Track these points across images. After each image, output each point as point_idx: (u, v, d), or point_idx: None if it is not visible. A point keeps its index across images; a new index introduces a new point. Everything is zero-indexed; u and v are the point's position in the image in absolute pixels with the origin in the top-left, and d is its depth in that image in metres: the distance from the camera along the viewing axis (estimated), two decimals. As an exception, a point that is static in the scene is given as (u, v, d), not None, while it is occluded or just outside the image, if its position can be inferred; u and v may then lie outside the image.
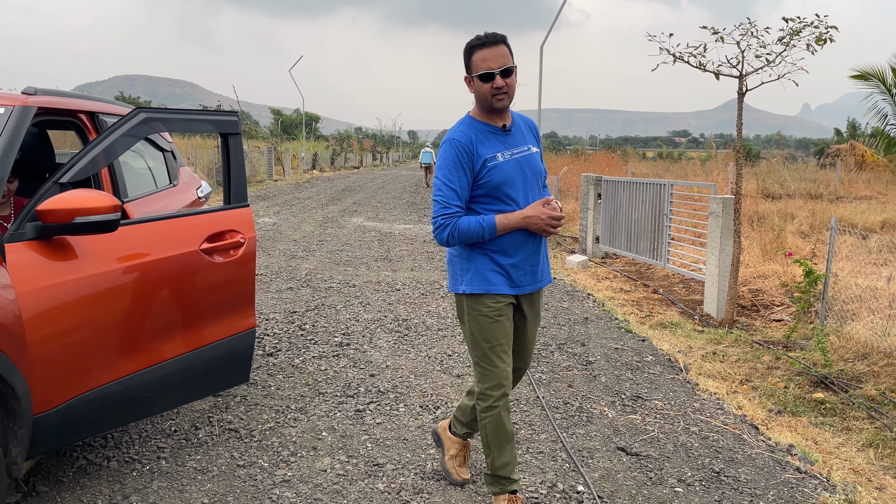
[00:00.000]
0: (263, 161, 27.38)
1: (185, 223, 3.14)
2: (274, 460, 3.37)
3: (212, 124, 3.31)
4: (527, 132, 2.85)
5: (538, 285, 2.85)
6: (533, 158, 2.79)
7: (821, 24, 6.94)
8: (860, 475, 3.83)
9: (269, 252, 9.59)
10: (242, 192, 3.35)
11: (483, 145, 2.69)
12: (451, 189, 2.67)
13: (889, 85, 18.43)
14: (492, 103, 2.67)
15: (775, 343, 6.50)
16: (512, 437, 2.85)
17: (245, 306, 3.32)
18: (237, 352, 3.31)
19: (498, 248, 2.72)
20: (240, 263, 3.25)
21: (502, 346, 2.76)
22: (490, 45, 2.64)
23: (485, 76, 2.63)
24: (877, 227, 12.88)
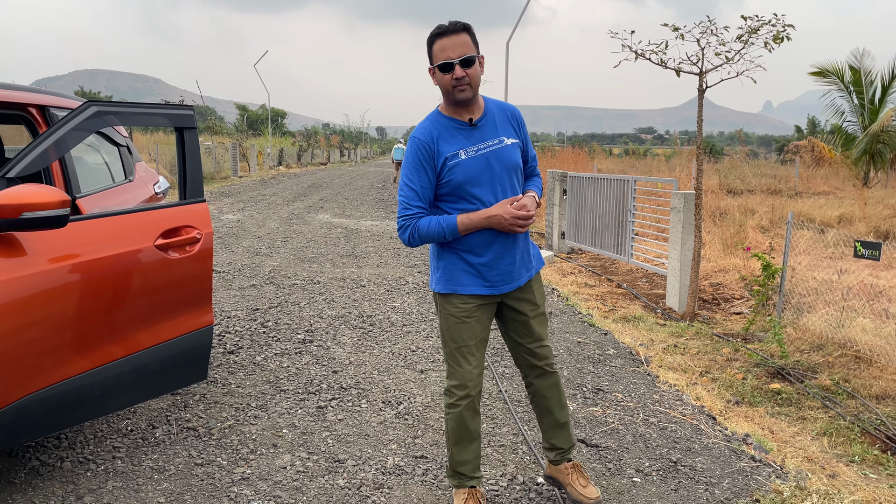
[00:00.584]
0: (228, 157, 27.03)
1: (139, 219, 3.08)
2: (233, 458, 3.34)
3: (166, 118, 3.25)
4: (502, 123, 2.68)
5: (518, 282, 2.73)
6: (505, 152, 2.63)
7: (778, 22, 7.09)
8: (814, 463, 3.92)
9: (233, 249, 9.48)
10: (199, 187, 3.30)
11: (446, 142, 2.59)
12: (412, 189, 2.60)
13: (847, 83, 18.87)
14: (454, 95, 2.56)
15: (734, 335, 6.63)
16: (476, 438, 2.79)
17: (202, 303, 3.27)
18: (194, 349, 3.26)
19: (467, 248, 2.64)
20: (196, 259, 3.20)
21: (469, 347, 2.69)
22: (450, 34, 2.52)
23: (444, 66, 2.52)
24: (834, 222, 13.21)
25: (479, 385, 2.75)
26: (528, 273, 2.76)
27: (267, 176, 28.67)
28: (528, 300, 2.78)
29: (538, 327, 2.82)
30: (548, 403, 2.91)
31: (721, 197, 16.00)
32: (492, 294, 2.70)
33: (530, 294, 2.79)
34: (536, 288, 2.82)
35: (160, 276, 3.09)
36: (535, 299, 2.80)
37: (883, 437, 4.43)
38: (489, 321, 2.77)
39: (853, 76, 18.26)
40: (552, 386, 2.89)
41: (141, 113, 3.18)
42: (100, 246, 2.87)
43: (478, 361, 2.72)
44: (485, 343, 2.76)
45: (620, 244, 10.10)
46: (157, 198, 4.43)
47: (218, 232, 11.11)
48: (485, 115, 2.66)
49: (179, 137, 3.27)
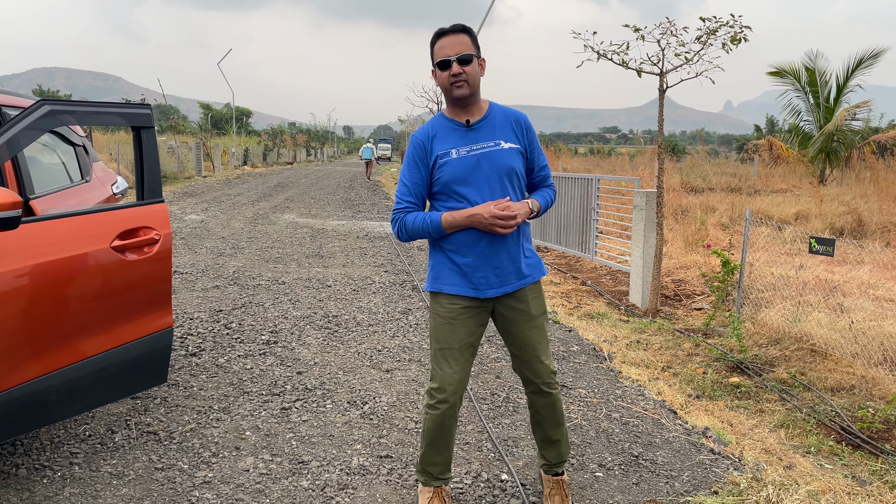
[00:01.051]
0: (192, 157, 26.61)
1: (94, 220, 3.02)
2: (194, 462, 3.29)
3: (123, 117, 3.19)
4: (502, 127, 2.68)
5: (507, 288, 2.67)
6: (498, 155, 2.62)
7: (736, 23, 7.23)
8: (771, 454, 4.02)
9: (196, 250, 9.34)
10: (157, 187, 3.25)
11: (440, 141, 2.63)
12: (405, 185, 2.67)
13: (803, 83, 19.34)
14: (452, 92, 2.59)
15: (695, 331, 6.75)
16: (450, 444, 2.79)
17: (161, 305, 3.22)
18: (153, 352, 3.21)
19: (453, 247, 2.64)
20: (154, 261, 3.15)
21: (452, 351, 2.66)
22: (450, 34, 2.59)
23: (442, 63, 2.57)
24: (791, 219, 13.53)
25: (460, 392, 2.70)
26: (520, 280, 2.70)
27: (232, 176, 28.30)
28: (521, 310, 2.72)
29: (532, 340, 2.75)
30: (541, 420, 2.91)
31: (683, 195, 16.28)
32: (477, 297, 2.67)
33: (524, 303, 2.72)
34: (532, 298, 2.75)
35: (117, 278, 3.04)
36: (530, 309, 2.73)
37: (838, 428, 4.55)
38: (478, 328, 2.73)
39: (808, 76, 18.74)
40: (548, 405, 2.86)
41: (97, 112, 3.12)
42: (54, 248, 2.81)
43: (459, 367, 2.68)
44: (470, 349, 2.72)
45: (585, 242, 10.21)
46: (115, 198, 4.35)
47: (181, 233, 10.94)
48: (484, 119, 2.68)
49: (137, 137, 3.22)
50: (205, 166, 28.68)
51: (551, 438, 2.94)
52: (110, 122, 3.24)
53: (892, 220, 12.64)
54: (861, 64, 18.61)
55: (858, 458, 4.15)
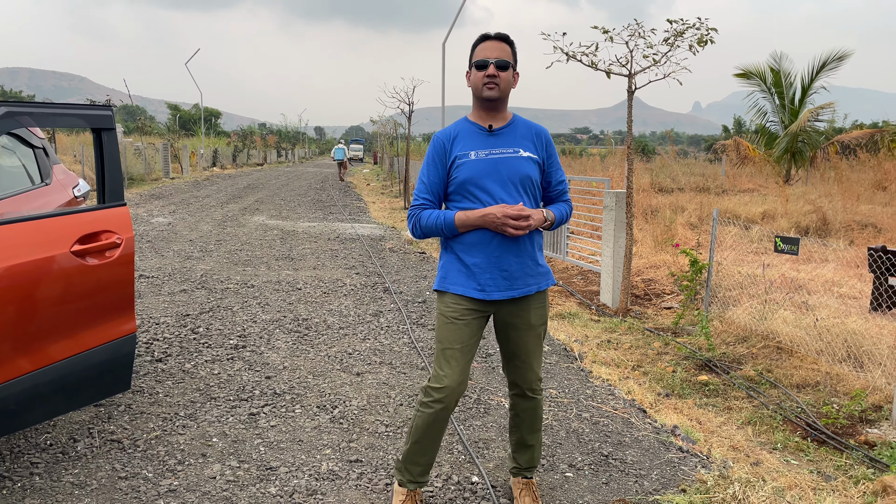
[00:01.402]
0: (159, 158, 26.21)
1: (54, 224, 2.94)
2: (159, 470, 3.23)
3: (83, 119, 3.12)
4: (524, 138, 2.74)
5: (513, 293, 2.68)
6: (516, 162, 2.67)
7: (702, 26, 7.32)
8: (739, 451, 4.07)
9: (163, 253, 9.19)
10: (118, 190, 3.18)
11: (461, 142, 2.69)
12: (423, 182, 2.72)
13: (769, 84, 19.69)
14: (482, 91, 2.65)
15: (665, 330, 6.82)
16: (436, 446, 2.80)
17: (124, 310, 3.15)
18: (116, 358, 3.14)
19: (463, 247, 2.68)
20: (116, 265, 3.08)
21: (453, 351, 2.67)
22: (494, 40, 2.67)
23: (480, 63, 2.64)
24: (758, 218, 13.75)
25: (459, 394, 2.71)
26: (527, 287, 2.71)
27: (200, 177, 27.94)
28: (523, 316, 2.75)
29: (528, 347, 2.79)
30: (520, 422, 2.95)
31: (652, 195, 16.46)
32: (482, 299, 2.68)
33: (526, 311, 2.75)
34: (536, 307, 2.77)
35: (78, 283, 2.96)
36: (531, 318, 2.76)
37: (803, 424, 4.63)
38: (479, 330, 2.75)
39: (774, 78, 19.08)
40: (529, 409, 2.91)
41: (56, 113, 3.05)
42: (11, 252, 2.73)
43: (460, 368, 2.69)
44: (470, 351, 2.73)
45: (556, 242, 10.27)
46: (76, 201, 4.25)
47: (147, 236, 10.76)
48: (507, 126, 2.74)
49: (97, 139, 3.15)
50: (173, 168, 28.28)
51: (526, 443, 2.97)
52: (70, 124, 3.16)
53: (856, 219, 12.92)
54: (825, 66, 19.00)
55: (823, 454, 4.22)
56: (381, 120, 36.89)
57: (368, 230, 12.77)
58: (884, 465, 3.98)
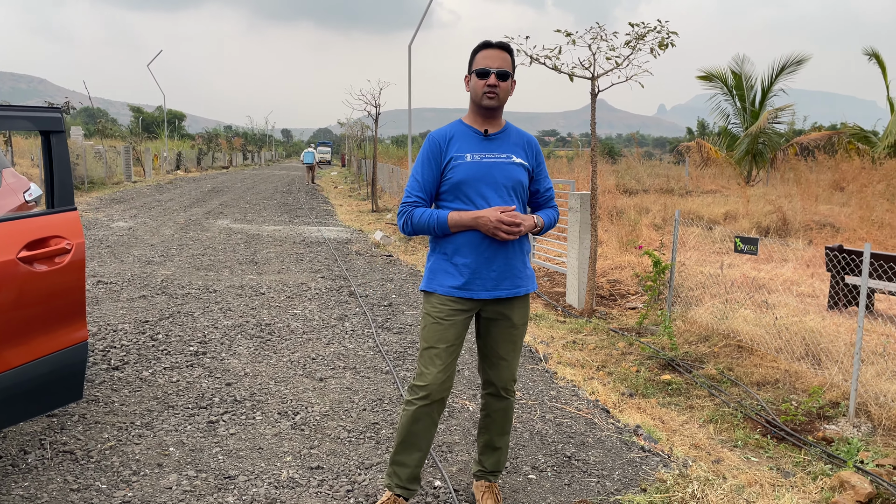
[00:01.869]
0: (121, 161, 25.70)
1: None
2: (113, 481, 3.14)
3: (30, 121, 3.02)
4: (516, 145, 2.81)
5: (500, 293, 2.74)
6: (509, 167, 2.73)
7: (663, 29, 7.40)
8: (701, 449, 4.11)
9: (123, 258, 8.99)
10: (68, 194, 3.09)
11: (457, 144, 2.73)
12: (416, 180, 2.74)
13: (730, 87, 20.05)
14: (481, 99, 2.69)
15: (629, 330, 6.88)
16: (422, 448, 2.81)
17: (74, 318, 3.06)
18: (66, 367, 3.05)
19: (454, 248, 2.71)
20: (66, 272, 2.99)
21: (438, 350, 2.72)
22: (495, 48, 2.70)
23: (481, 72, 2.68)
24: (720, 219, 13.98)
25: (443, 393, 2.75)
26: (513, 289, 2.77)
27: (164, 181, 27.47)
28: (507, 316, 2.80)
29: (507, 346, 2.85)
30: (490, 423, 2.97)
31: (617, 196, 16.64)
32: (469, 297, 2.72)
33: (510, 311, 2.80)
34: (519, 308, 2.83)
35: (25, 290, 2.87)
36: (514, 318, 2.82)
37: (763, 421, 4.70)
38: (464, 330, 2.79)
39: (735, 81, 19.43)
40: (501, 410, 2.94)
41: (1, 116, 2.95)
42: (-48, 260, 2.63)
43: (444, 367, 2.73)
44: (455, 351, 2.76)
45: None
46: (27, 206, 4.13)
47: (107, 241, 10.53)
48: (501, 132, 2.80)
49: (46, 142, 3.05)
50: (135, 171, 27.76)
51: (494, 444, 3.00)
52: (17, 127, 3.06)
53: (815, 219, 13.21)
54: (784, 69, 19.41)
55: (783, 451, 4.29)
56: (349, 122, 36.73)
57: (335, 233, 12.67)
58: (841, 460, 4.06)
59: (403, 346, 5.45)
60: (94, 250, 9.57)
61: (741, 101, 19.91)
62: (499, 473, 3.06)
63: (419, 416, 2.76)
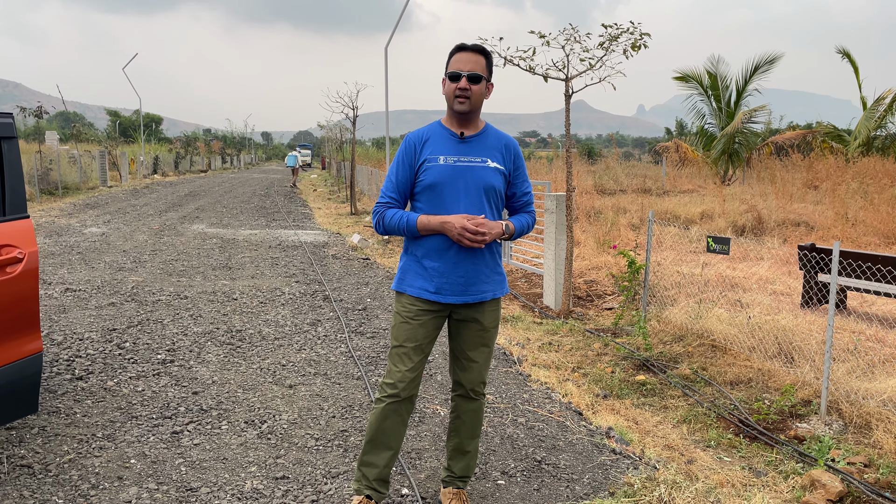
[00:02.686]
0: (96, 166, 25.35)
1: (-54, 238, 2.76)
2: (71, 495, 3.05)
3: (-20, 126, 2.94)
4: (493, 148, 2.79)
5: (468, 298, 2.75)
6: (482, 171, 2.73)
7: (636, 30, 7.42)
8: (673, 450, 4.09)
9: (93, 265, 8.83)
10: (20, 202, 3.00)
11: (432, 146, 2.74)
12: (391, 181, 2.77)
13: (706, 87, 20.17)
14: (453, 105, 2.69)
15: (605, 330, 6.87)
16: (390, 447, 2.82)
17: (27, 329, 2.97)
18: (19, 380, 2.96)
19: (423, 250, 2.74)
20: (18, 281, 2.91)
21: (406, 349, 2.75)
22: (469, 51, 2.70)
23: (453, 75, 2.68)
24: (697, 218, 14.07)
25: (410, 390, 2.78)
26: (482, 294, 2.78)
27: (140, 185, 27.14)
28: (477, 319, 2.82)
29: (476, 349, 2.85)
30: (460, 425, 2.96)
31: (595, 197, 16.69)
32: (437, 301, 2.74)
33: (480, 314, 2.82)
34: (489, 311, 2.84)
35: (-25, 301, 2.78)
36: (484, 321, 2.83)
37: (736, 420, 4.70)
38: (435, 331, 2.81)
39: (711, 81, 19.56)
40: (471, 411, 2.94)
41: (-51, 120, 2.86)
42: None
43: (413, 365, 2.76)
44: (423, 350, 2.79)
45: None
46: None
47: (78, 247, 10.35)
48: (478, 135, 2.78)
49: (-4, 147, 2.97)
50: (111, 176, 27.41)
51: (464, 448, 2.98)
52: (-34, 132, 2.97)
53: (789, 218, 13.33)
54: (758, 69, 19.56)
55: (755, 450, 4.29)
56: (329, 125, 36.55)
57: (312, 237, 12.57)
58: (812, 459, 4.07)
59: (376, 351, 5.39)
60: (64, 257, 9.40)
61: (717, 101, 20.05)
62: (467, 480, 3.03)
63: (388, 413, 2.77)
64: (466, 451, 2.98)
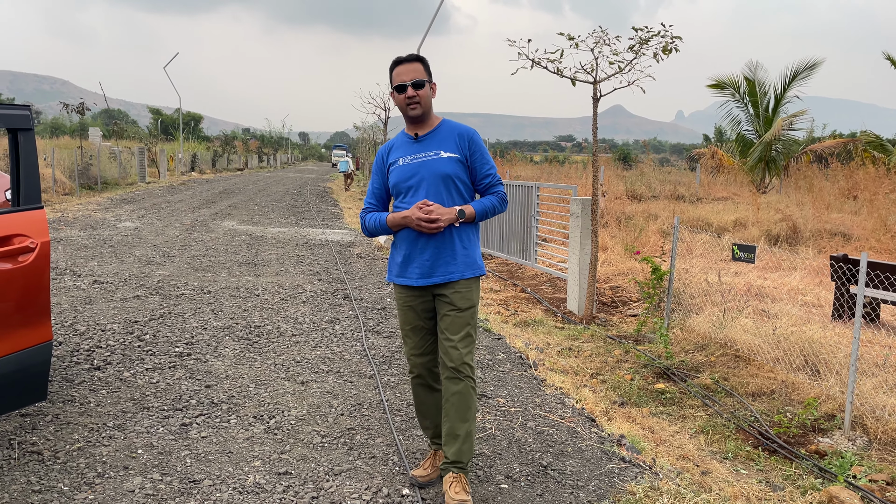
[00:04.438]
0: (135, 162, 25.91)
1: (-38, 226, 2.82)
2: (76, 483, 3.09)
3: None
4: (446, 140, 3.03)
5: (434, 279, 3.00)
6: (437, 163, 2.99)
7: (667, 34, 7.29)
8: (689, 461, 4.00)
9: (123, 258, 9.00)
10: (35, 193, 3.06)
11: (396, 151, 3.10)
12: (370, 190, 3.18)
13: (743, 93, 19.80)
14: (407, 112, 3.02)
15: (627, 337, 6.76)
16: (429, 413, 3.21)
17: (38, 317, 3.03)
18: (29, 367, 3.01)
19: (396, 243, 3.11)
20: (29, 271, 2.96)
21: (405, 332, 3.14)
22: (405, 63, 3.01)
23: (399, 87, 2.99)
24: (730, 226, 13.78)
25: (422, 367, 3.15)
26: (448, 275, 3.00)
27: (177, 182, 27.64)
28: (449, 299, 3.02)
29: (453, 326, 3.02)
30: (449, 408, 3.03)
31: (626, 203, 16.48)
32: (411, 285, 3.04)
33: (451, 293, 3.02)
34: (462, 291, 3.02)
35: (-13, 288, 2.84)
36: (455, 302, 3.01)
37: (756, 433, 4.57)
38: (424, 313, 3.09)
39: (748, 87, 19.18)
40: (456, 394, 3.01)
41: (-30, 112, 2.93)
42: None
43: (415, 346, 3.12)
44: (420, 331, 3.10)
45: (526, 249, 10.21)
46: (6, 204, 4.11)
47: (111, 241, 10.57)
48: (431, 133, 3.07)
49: (13, 140, 3.03)
50: (150, 172, 27.98)
51: (455, 432, 3.02)
52: (-14, 123, 3.04)
53: (826, 227, 12.98)
54: (798, 75, 19.13)
55: (774, 463, 4.17)
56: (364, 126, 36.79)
57: (339, 236, 12.65)
58: (832, 475, 3.94)
59: (391, 350, 5.38)
60: (96, 250, 9.60)
61: (754, 107, 19.67)
62: (462, 465, 3.04)
63: (415, 389, 3.23)
64: (457, 434, 3.01)
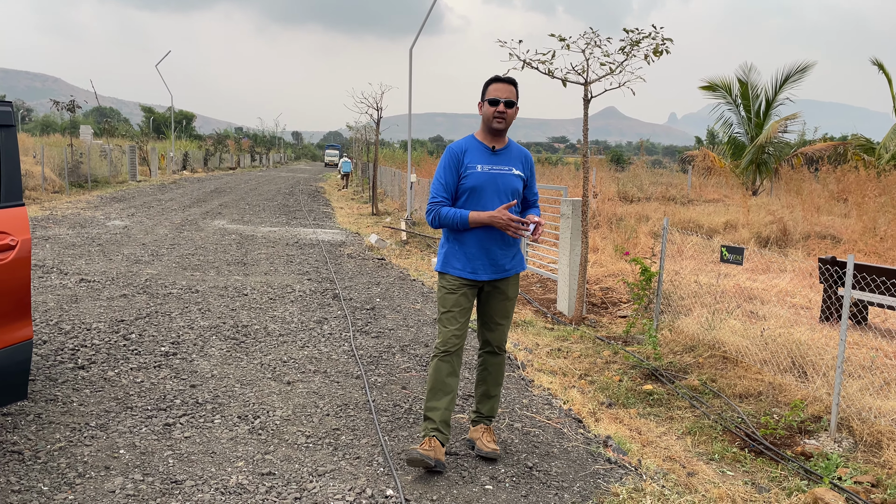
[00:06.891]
0: (126, 160, 25.78)
1: (-60, 223, 2.78)
2: (57, 483, 3.06)
3: (-21, 113, 2.97)
4: (516, 160, 3.53)
5: (496, 275, 3.46)
6: (509, 178, 3.46)
7: (657, 35, 7.29)
8: (674, 462, 3.99)
9: (111, 257, 8.94)
10: (16, 190, 3.03)
11: (471, 155, 3.44)
12: (441, 184, 3.45)
13: (735, 96, 19.86)
14: (492, 123, 3.41)
15: (616, 338, 6.76)
16: (447, 392, 3.41)
17: (17, 316, 2.99)
18: (8, 367, 2.98)
19: (463, 241, 3.42)
20: (9, 269, 2.92)
21: (453, 313, 3.43)
22: (504, 83, 3.44)
23: (493, 101, 3.41)
24: (720, 228, 13.83)
25: (458, 345, 3.44)
26: (506, 271, 3.51)
27: (168, 180, 27.52)
28: (502, 290, 3.54)
29: (502, 312, 3.58)
30: (486, 376, 3.65)
31: (618, 204, 16.51)
32: (473, 279, 3.44)
33: (505, 285, 3.55)
34: (512, 283, 3.59)
35: (-34, 286, 2.81)
36: (508, 291, 3.57)
37: (743, 434, 4.57)
38: (472, 299, 3.52)
39: (741, 90, 19.24)
40: (497, 364, 3.65)
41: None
42: None
43: (459, 325, 3.44)
44: (465, 314, 3.46)
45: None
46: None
47: (99, 239, 10.50)
48: (505, 149, 3.53)
49: (-6, 135, 2.99)
50: (141, 171, 27.85)
51: (490, 394, 3.67)
52: (-34, 119, 3.00)
53: (816, 230, 13.04)
54: (789, 78, 19.20)
55: (760, 465, 4.17)
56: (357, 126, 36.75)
57: (330, 235, 12.61)
58: (818, 476, 3.94)
59: (379, 351, 5.36)
60: (84, 248, 9.54)
61: (746, 110, 19.74)
62: (493, 418, 3.70)
63: (441, 366, 3.43)
64: (492, 395, 3.66)
